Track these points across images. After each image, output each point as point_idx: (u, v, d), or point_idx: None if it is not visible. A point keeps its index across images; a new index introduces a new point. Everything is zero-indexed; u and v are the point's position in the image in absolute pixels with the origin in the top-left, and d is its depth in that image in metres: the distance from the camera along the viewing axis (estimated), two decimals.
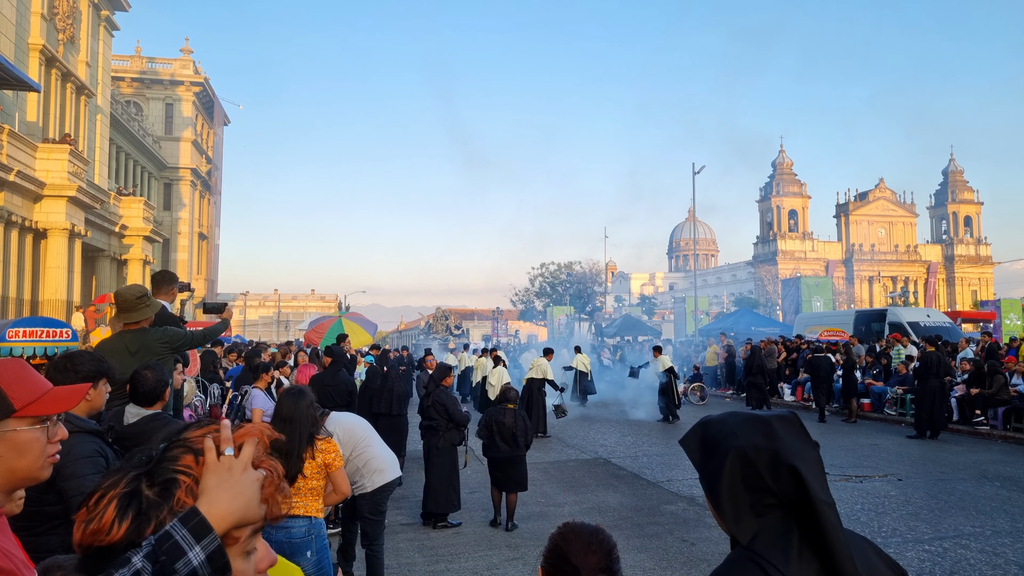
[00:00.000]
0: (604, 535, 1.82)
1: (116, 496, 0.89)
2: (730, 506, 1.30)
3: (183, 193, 45.64)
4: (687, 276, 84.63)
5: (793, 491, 1.26)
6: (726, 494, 1.30)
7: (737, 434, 1.33)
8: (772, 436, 1.31)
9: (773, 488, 1.27)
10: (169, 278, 5.50)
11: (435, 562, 6.40)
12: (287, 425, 3.84)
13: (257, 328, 78.45)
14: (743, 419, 1.37)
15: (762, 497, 1.28)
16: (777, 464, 1.28)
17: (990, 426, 14.05)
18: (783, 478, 1.27)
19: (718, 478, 1.31)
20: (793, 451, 1.30)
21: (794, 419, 1.38)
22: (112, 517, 0.88)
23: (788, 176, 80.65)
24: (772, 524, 1.27)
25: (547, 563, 1.80)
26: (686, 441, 1.42)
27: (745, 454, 1.30)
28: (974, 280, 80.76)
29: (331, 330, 14.71)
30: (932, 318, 24.58)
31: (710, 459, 1.34)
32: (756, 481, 1.28)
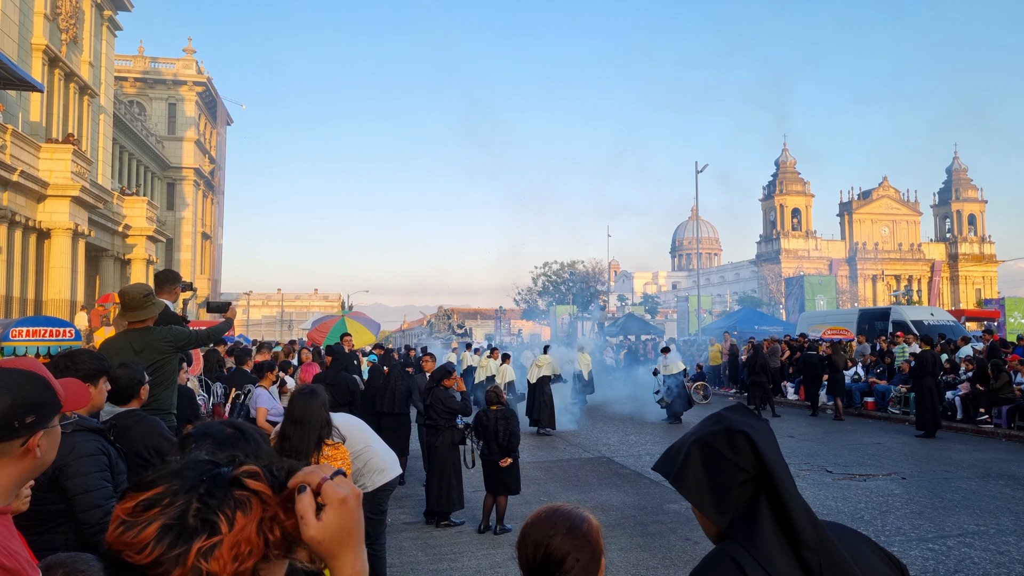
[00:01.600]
0: (559, 525, 1.74)
1: (162, 519, 0.86)
2: (705, 495, 1.32)
3: (186, 193, 45.72)
4: (690, 275, 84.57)
5: (754, 459, 1.29)
6: (694, 484, 1.33)
7: (693, 431, 1.40)
8: (721, 419, 1.37)
9: (735, 460, 1.30)
10: (172, 277, 5.50)
11: (438, 560, 6.40)
12: (297, 427, 3.79)
13: (260, 327, 78.56)
14: (701, 422, 1.43)
15: (731, 474, 1.30)
16: (731, 435, 1.32)
17: (994, 424, 14.01)
18: (741, 446, 1.30)
19: (685, 472, 1.34)
20: (741, 422, 1.34)
21: (740, 406, 1.44)
22: (149, 540, 0.85)
23: (791, 174, 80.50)
24: (744, 506, 1.29)
25: (516, 551, 1.81)
26: (657, 464, 1.46)
27: (703, 441, 1.35)
28: (978, 278, 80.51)
29: (334, 329, 14.75)
30: (936, 317, 24.52)
31: (673, 461, 1.38)
32: (718, 461, 1.31)
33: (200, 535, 0.86)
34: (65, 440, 2.63)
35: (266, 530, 0.90)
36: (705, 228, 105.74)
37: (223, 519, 0.88)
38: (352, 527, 0.93)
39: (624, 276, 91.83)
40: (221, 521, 0.87)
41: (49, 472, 2.55)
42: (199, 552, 0.85)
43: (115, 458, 2.84)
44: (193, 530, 0.86)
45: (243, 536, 0.88)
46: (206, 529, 0.86)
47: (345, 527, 0.92)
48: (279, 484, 0.92)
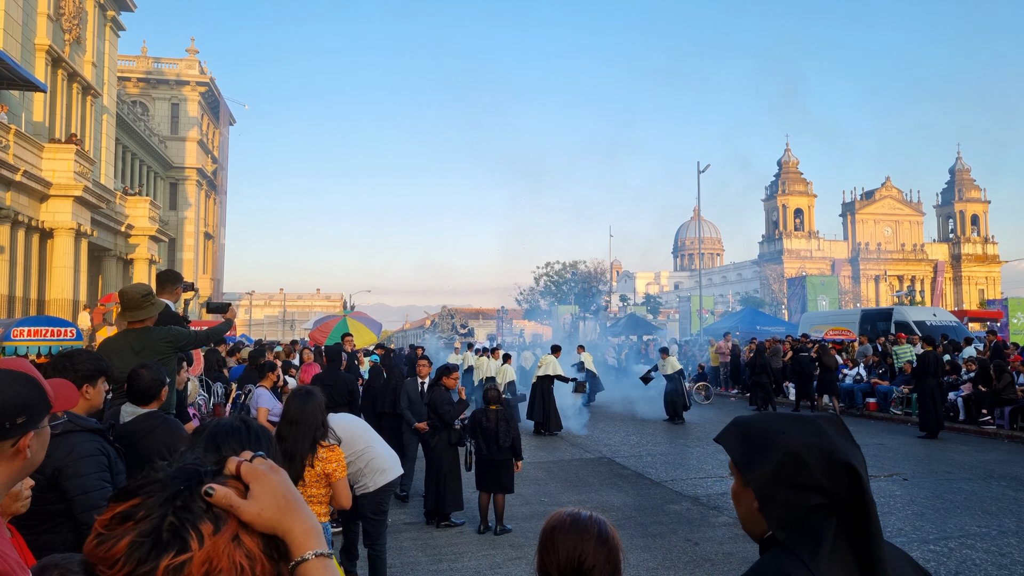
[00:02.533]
0: (587, 533, 1.76)
1: (134, 533, 0.83)
2: (775, 505, 1.27)
3: (189, 193, 45.79)
4: (692, 275, 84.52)
5: (847, 490, 1.24)
6: (770, 490, 1.28)
7: (785, 432, 1.31)
8: (822, 434, 1.30)
9: (825, 486, 1.25)
10: (174, 277, 5.51)
11: (438, 561, 6.40)
12: (292, 427, 3.81)
13: (263, 327, 78.64)
14: (790, 418, 1.36)
15: (810, 497, 1.25)
16: (831, 462, 1.26)
17: (996, 425, 13.98)
18: (838, 476, 1.25)
19: (765, 475, 1.29)
20: (846, 450, 1.28)
21: (838, 420, 1.36)
22: (120, 555, 0.83)
23: (794, 175, 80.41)
24: (812, 526, 1.25)
25: (538, 557, 1.80)
26: (725, 438, 1.39)
27: (797, 452, 1.28)
28: (981, 279, 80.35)
29: (336, 329, 14.75)
30: (939, 317, 24.45)
31: (756, 456, 1.32)
32: (807, 480, 1.26)
33: (169, 552, 0.82)
34: (64, 441, 2.64)
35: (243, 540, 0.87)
36: (707, 228, 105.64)
37: (194, 536, 0.84)
38: (283, 493, 0.91)
39: (626, 276, 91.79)
40: (192, 538, 0.84)
41: (48, 473, 2.55)
42: (166, 570, 0.82)
43: (114, 458, 2.84)
44: (164, 546, 0.83)
45: (215, 552, 0.84)
46: (175, 545, 0.83)
47: (277, 495, 0.90)
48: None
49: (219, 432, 1.60)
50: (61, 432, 2.60)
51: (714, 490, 9.15)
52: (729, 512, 8.00)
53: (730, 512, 8.00)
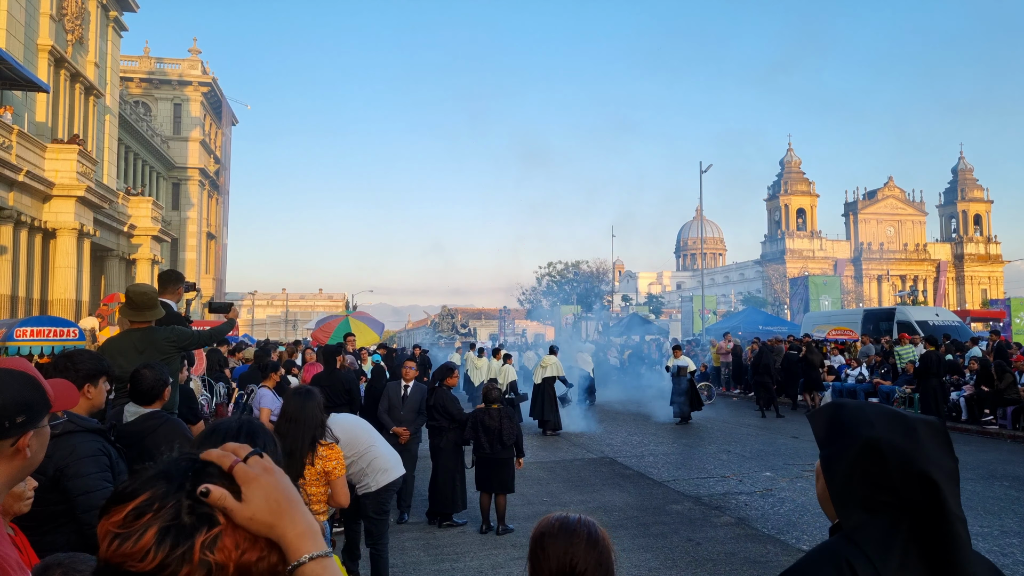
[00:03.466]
0: (576, 537, 1.75)
1: (158, 523, 0.85)
2: (842, 491, 1.28)
3: (191, 193, 45.87)
4: (694, 275, 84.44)
5: (921, 499, 1.22)
6: (842, 479, 1.28)
7: (874, 424, 1.30)
8: (913, 437, 1.27)
9: (898, 488, 1.23)
10: (176, 277, 5.52)
11: (440, 561, 6.41)
12: (292, 425, 3.82)
13: (265, 327, 78.75)
14: (885, 412, 1.34)
15: (879, 493, 1.25)
16: (909, 467, 1.24)
17: (999, 425, 13.95)
18: (913, 483, 1.23)
19: (839, 460, 1.29)
20: (930, 459, 1.25)
21: (940, 427, 1.33)
22: (150, 546, 0.84)
23: (796, 174, 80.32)
24: (881, 521, 1.24)
25: (529, 565, 1.80)
26: (815, 416, 1.39)
27: (878, 447, 1.26)
28: (984, 279, 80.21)
29: (338, 329, 14.78)
30: (941, 317, 24.42)
31: (837, 440, 1.31)
32: (879, 476, 1.25)
33: (200, 530, 0.85)
34: (66, 441, 2.65)
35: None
36: (709, 228, 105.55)
37: (218, 509, 0.87)
38: (278, 496, 0.92)
39: (628, 276, 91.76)
40: (216, 512, 0.87)
41: (50, 473, 2.56)
42: (203, 546, 0.85)
43: (116, 459, 2.85)
44: (192, 527, 0.85)
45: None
46: (204, 523, 0.86)
47: (271, 498, 0.91)
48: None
49: (225, 436, 1.60)
50: (62, 432, 2.61)
51: (716, 490, 9.15)
52: (731, 512, 8.00)
53: (732, 512, 8.00)
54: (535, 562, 1.76)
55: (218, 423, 1.73)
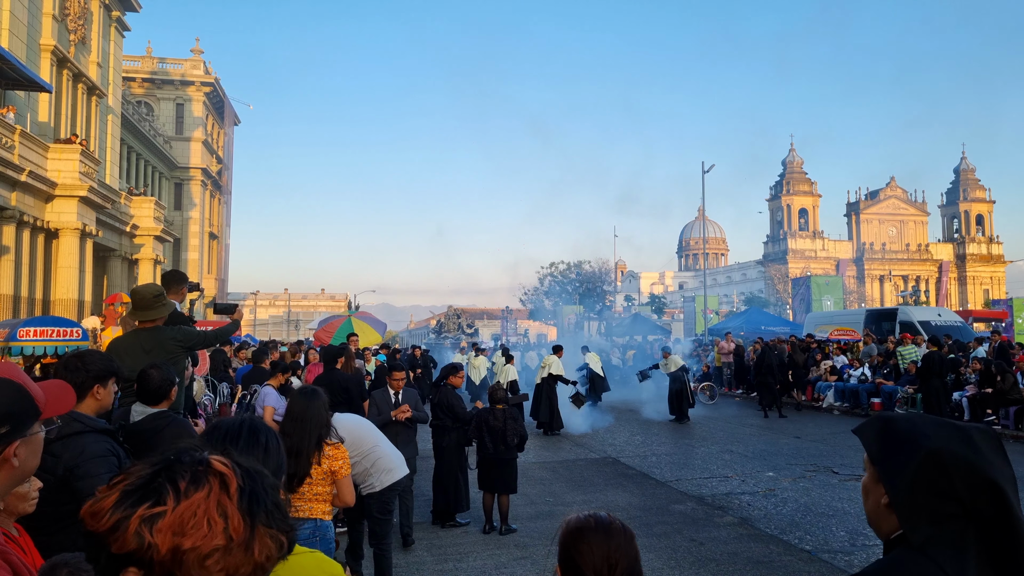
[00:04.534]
0: (614, 532, 1.77)
1: (122, 489, 0.88)
2: (908, 505, 1.26)
3: (194, 193, 45.92)
4: (697, 275, 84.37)
5: (988, 507, 1.22)
6: (905, 493, 1.26)
7: (930, 435, 1.29)
8: (972, 445, 1.27)
9: (964, 499, 1.22)
10: (179, 278, 5.54)
11: (443, 561, 6.42)
12: (297, 424, 3.83)
13: (267, 327, 78.83)
14: (939, 422, 1.34)
15: (945, 504, 1.23)
16: (974, 475, 1.23)
17: (1001, 426, 13.93)
18: (980, 492, 1.22)
19: (901, 475, 1.27)
20: (994, 466, 1.25)
21: (992, 434, 1.33)
22: (108, 507, 0.87)
23: (798, 174, 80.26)
24: (949, 533, 1.23)
25: (560, 563, 1.78)
26: (863, 431, 1.37)
27: (941, 458, 1.25)
28: (986, 279, 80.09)
29: (340, 329, 14.79)
30: (943, 317, 24.39)
31: (895, 453, 1.29)
32: (946, 487, 1.23)
33: (144, 503, 0.86)
34: (76, 441, 2.66)
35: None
36: (712, 228, 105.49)
37: (171, 492, 0.87)
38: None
39: (631, 276, 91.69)
40: (169, 493, 0.87)
41: (60, 474, 2.57)
42: (142, 519, 0.85)
43: (124, 459, 2.86)
44: (145, 498, 0.87)
45: (189, 507, 0.86)
46: (152, 498, 0.86)
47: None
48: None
49: (227, 433, 1.60)
50: (72, 433, 2.62)
51: (719, 490, 9.15)
52: (734, 512, 8.00)
53: (735, 512, 8.00)
54: (576, 557, 1.73)
55: (220, 421, 1.73)
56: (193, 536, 0.86)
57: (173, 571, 0.85)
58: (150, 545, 0.84)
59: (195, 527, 0.86)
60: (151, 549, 0.84)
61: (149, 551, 0.84)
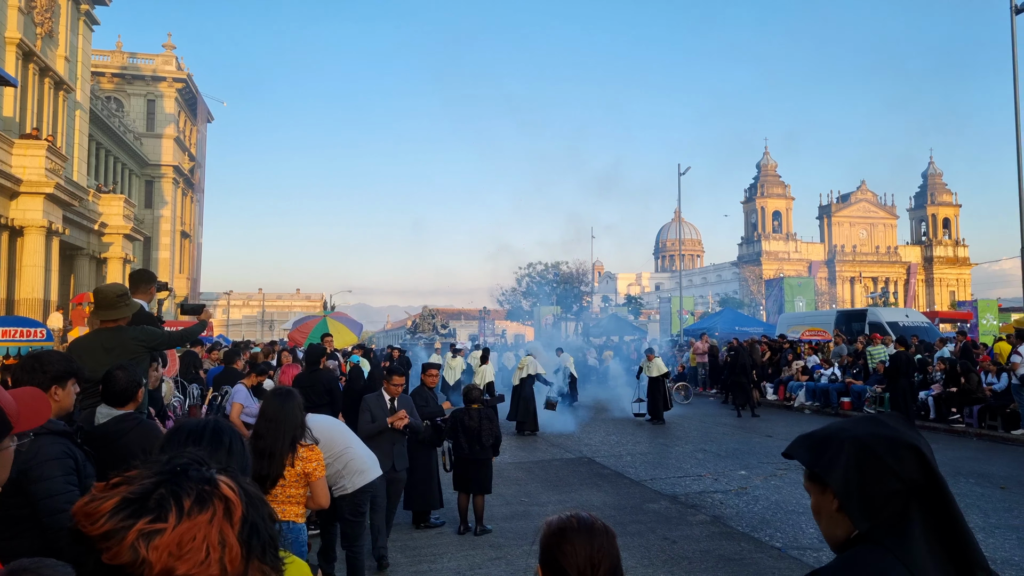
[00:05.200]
0: (597, 532, 1.77)
1: (124, 494, 0.85)
2: (855, 495, 1.30)
3: (165, 191, 45.18)
4: (673, 276, 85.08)
5: (918, 473, 1.28)
6: (848, 483, 1.31)
7: (847, 428, 1.36)
8: (884, 425, 1.35)
9: (897, 470, 1.28)
10: (147, 277, 5.44)
11: (417, 562, 6.38)
12: (271, 425, 3.78)
13: (241, 328, 77.83)
14: (847, 420, 1.42)
15: (885, 481, 1.28)
16: (896, 444, 1.30)
17: (965, 424, 14.24)
18: (906, 459, 1.28)
19: (838, 469, 1.32)
20: (908, 434, 1.32)
21: (898, 415, 1.41)
22: (105, 512, 0.83)
23: (772, 178, 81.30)
24: (894, 515, 1.28)
25: (542, 564, 1.77)
26: (792, 451, 1.43)
27: (863, 441, 1.31)
28: (952, 281, 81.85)
29: (315, 330, 14.66)
30: (911, 318, 24.86)
31: (827, 454, 1.35)
32: (878, 465, 1.29)
33: (145, 517, 0.83)
34: (30, 443, 2.59)
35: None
36: (688, 230, 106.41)
37: (174, 509, 0.84)
38: None
39: (608, 277, 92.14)
40: (172, 510, 0.84)
41: (13, 476, 2.50)
42: (140, 534, 0.81)
43: (83, 461, 2.78)
44: (144, 511, 0.83)
45: (190, 529, 0.83)
46: (154, 513, 0.83)
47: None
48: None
49: (190, 435, 1.57)
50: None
51: (692, 489, 9.22)
52: (707, 511, 8.07)
53: (708, 510, 8.07)
54: (556, 560, 1.72)
55: (183, 423, 1.70)
56: (189, 561, 0.82)
57: None
58: (143, 562, 0.81)
59: (192, 552, 0.83)
60: (143, 566, 0.81)
61: (141, 567, 0.81)
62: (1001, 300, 36.59)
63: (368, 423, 6.34)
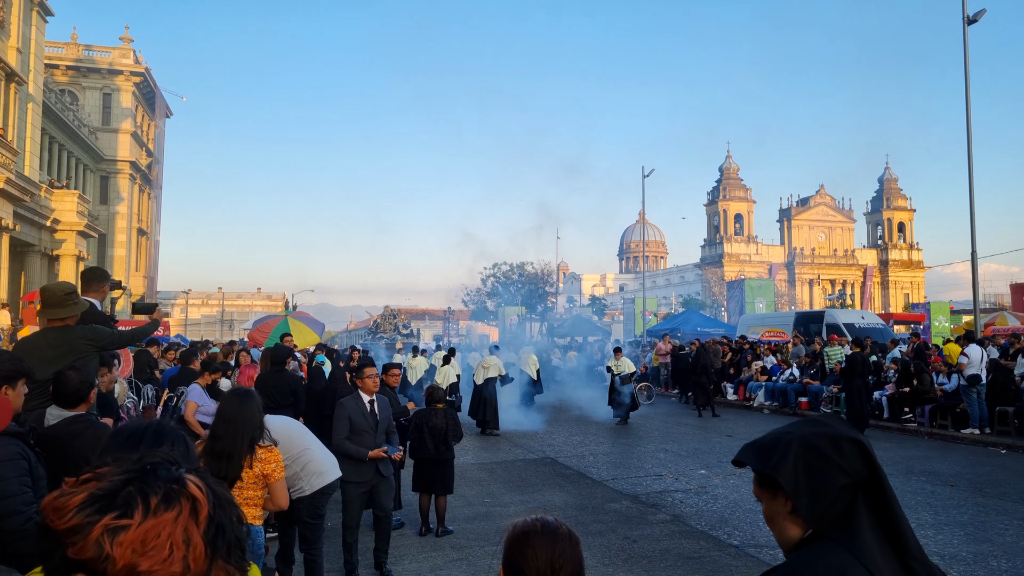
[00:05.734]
0: (560, 537, 1.76)
1: (92, 490, 0.85)
2: (805, 493, 1.34)
3: (121, 187, 44.04)
4: (637, 277, 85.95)
5: (861, 465, 1.33)
6: (798, 482, 1.35)
7: (790, 431, 1.42)
8: (822, 423, 1.41)
9: (842, 465, 1.33)
10: (100, 275, 5.30)
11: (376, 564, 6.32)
12: (229, 426, 3.72)
13: (200, 327, 76.27)
14: (789, 423, 1.47)
15: (833, 476, 1.33)
16: (838, 440, 1.35)
17: (917, 423, 14.66)
18: (850, 453, 1.34)
19: (783, 466, 1.36)
20: (849, 431, 1.39)
21: (835, 415, 1.46)
22: (73, 506, 0.84)
23: (734, 181, 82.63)
24: (843, 510, 1.33)
25: (504, 566, 1.77)
26: (744, 456, 1.47)
27: (806, 440, 1.37)
28: (906, 283, 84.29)
29: (276, 329, 14.44)
30: (866, 320, 25.53)
31: (775, 456, 1.39)
32: (824, 461, 1.34)
33: (111, 512, 0.84)
34: None
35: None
36: (652, 232, 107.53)
37: (141, 506, 0.85)
38: None
39: (572, 278, 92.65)
40: (138, 508, 0.85)
41: None
42: (106, 529, 0.83)
43: (35, 463, 2.71)
44: (112, 506, 0.84)
45: (155, 527, 0.84)
46: (120, 509, 0.84)
47: None
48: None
49: (129, 437, 1.53)
50: None
51: (653, 488, 9.33)
52: (667, 510, 8.17)
53: (668, 510, 8.17)
54: (517, 563, 1.72)
55: (125, 425, 1.66)
56: (152, 558, 0.83)
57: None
58: (107, 557, 0.82)
59: (156, 549, 0.83)
60: (107, 561, 0.82)
61: (104, 563, 0.82)
62: (953, 302, 37.89)
63: (344, 436, 5.41)
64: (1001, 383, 13.53)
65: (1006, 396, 13.47)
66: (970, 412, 13.52)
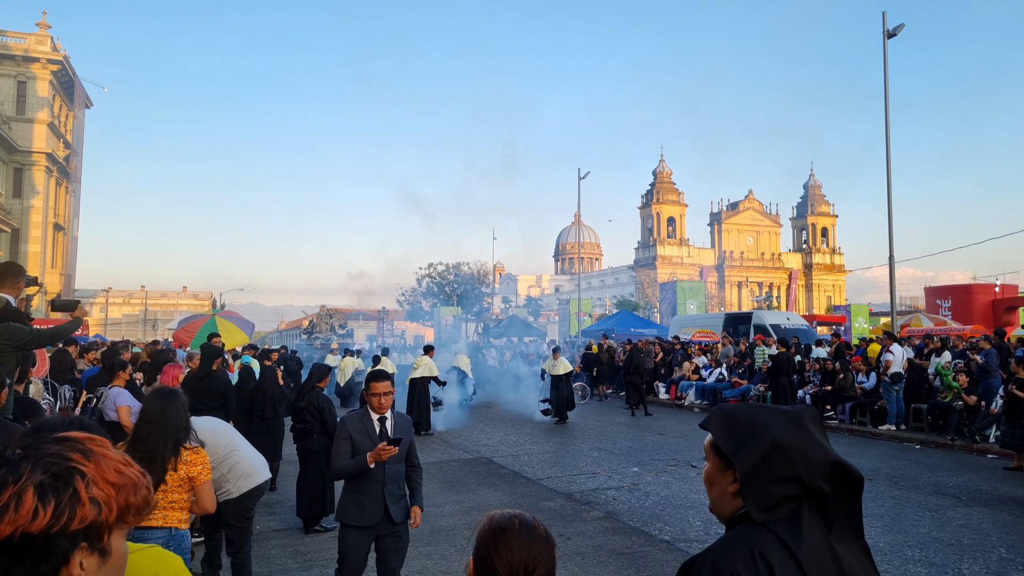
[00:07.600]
0: (536, 538, 1.73)
1: (29, 485, 0.87)
2: (756, 490, 1.39)
3: (36, 179, 41.72)
4: (572, 279, 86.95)
5: (822, 483, 1.38)
6: (754, 477, 1.39)
7: (771, 425, 1.43)
8: (803, 430, 1.43)
9: (803, 478, 1.37)
10: (15, 271, 5.02)
11: (308, 568, 6.21)
12: (153, 427, 3.58)
13: (121, 327, 72.98)
14: (771, 411, 1.48)
15: (788, 485, 1.38)
16: (812, 459, 1.39)
17: (839, 420, 15.35)
18: (818, 473, 1.38)
19: (751, 463, 1.40)
20: (825, 448, 1.42)
21: (814, 413, 1.51)
22: (34, 503, 0.85)
23: (667, 185, 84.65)
24: (787, 510, 1.38)
25: (475, 558, 1.72)
26: (710, 423, 1.50)
27: (782, 445, 1.39)
28: (829, 286, 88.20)
29: (203, 329, 14.00)
30: (792, 321, 26.58)
31: (744, 444, 1.42)
32: (788, 470, 1.38)
33: (74, 476, 0.89)
34: None
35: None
36: (587, 233, 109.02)
37: (78, 456, 0.92)
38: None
39: (508, 278, 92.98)
40: (77, 457, 0.92)
41: None
42: (86, 486, 0.89)
43: None
44: (65, 473, 0.89)
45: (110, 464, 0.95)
46: (75, 473, 0.90)
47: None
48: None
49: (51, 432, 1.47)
50: None
51: (587, 486, 9.46)
52: (600, 507, 8.30)
53: (601, 507, 8.30)
54: (490, 557, 1.68)
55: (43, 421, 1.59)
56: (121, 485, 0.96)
57: None
58: (102, 502, 0.92)
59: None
60: (105, 508, 0.92)
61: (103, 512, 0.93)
62: (872, 305, 39.82)
63: (346, 458, 4.40)
64: (916, 381, 14.31)
65: (920, 394, 14.25)
66: (889, 409, 14.22)
